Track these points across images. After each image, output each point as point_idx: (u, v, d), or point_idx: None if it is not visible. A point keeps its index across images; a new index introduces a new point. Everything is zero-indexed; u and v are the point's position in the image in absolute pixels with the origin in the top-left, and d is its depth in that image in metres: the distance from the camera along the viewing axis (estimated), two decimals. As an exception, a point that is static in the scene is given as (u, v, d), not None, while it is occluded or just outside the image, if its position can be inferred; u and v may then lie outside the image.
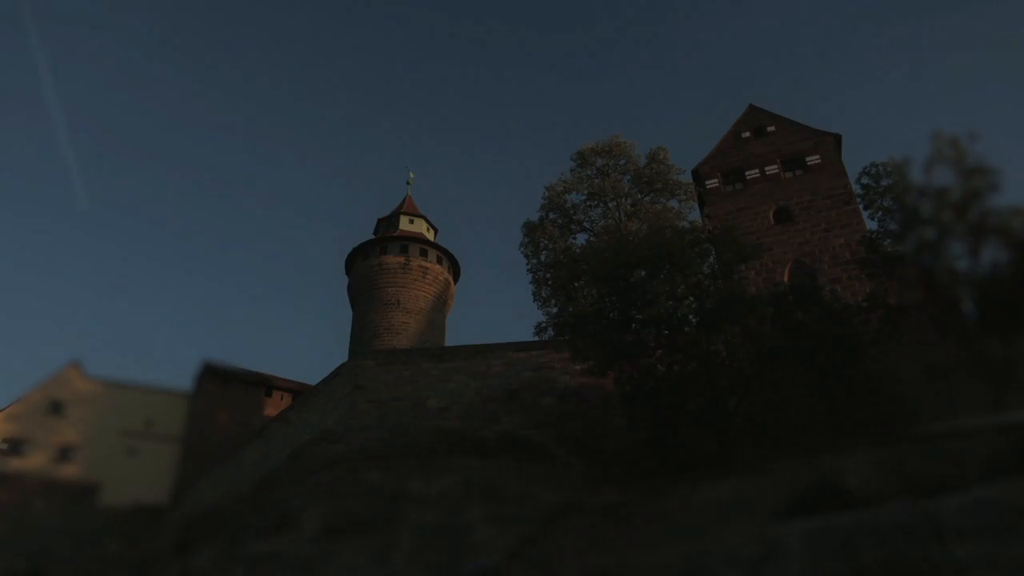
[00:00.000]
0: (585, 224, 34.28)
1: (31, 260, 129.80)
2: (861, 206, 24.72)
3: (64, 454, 41.57)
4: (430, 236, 50.21)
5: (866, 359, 23.97)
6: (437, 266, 47.21)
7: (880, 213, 22.24)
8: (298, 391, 44.76)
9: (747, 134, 32.71)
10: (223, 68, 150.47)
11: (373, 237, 48.73)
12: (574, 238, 34.05)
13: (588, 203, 34.36)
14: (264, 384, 46.92)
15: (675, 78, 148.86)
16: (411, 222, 49.81)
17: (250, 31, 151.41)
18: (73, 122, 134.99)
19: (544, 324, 32.36)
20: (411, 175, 54.73)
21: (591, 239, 32.97)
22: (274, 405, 44.95)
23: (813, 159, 30.55)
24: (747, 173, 31.43)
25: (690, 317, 22.54)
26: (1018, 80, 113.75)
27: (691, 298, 22.08)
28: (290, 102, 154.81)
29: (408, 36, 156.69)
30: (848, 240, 27.58)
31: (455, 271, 49.64)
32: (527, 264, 34.25)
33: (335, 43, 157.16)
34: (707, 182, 32.05)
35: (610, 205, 33.94)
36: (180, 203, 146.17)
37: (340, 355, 72.30)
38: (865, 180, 22.68)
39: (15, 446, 40.95)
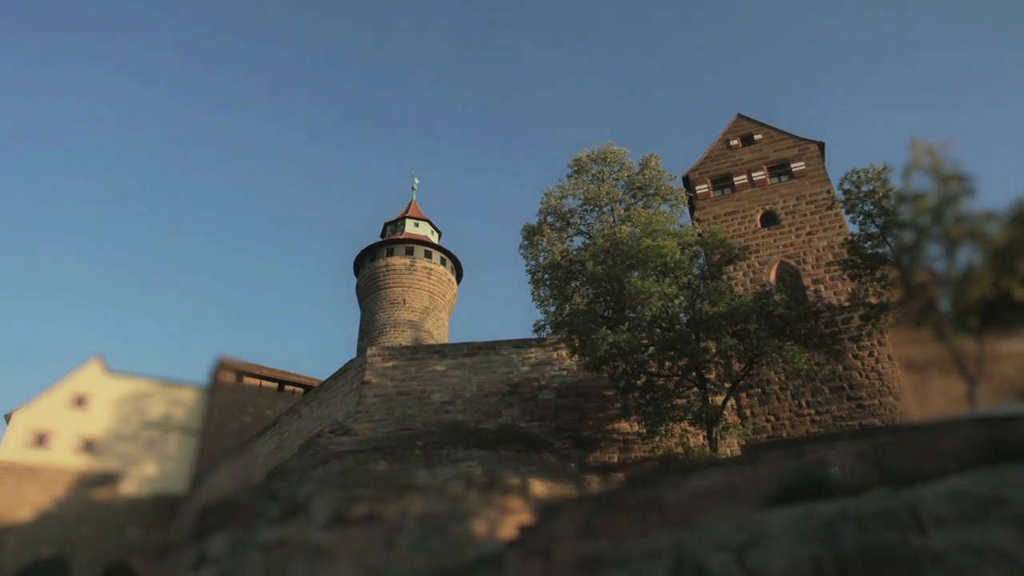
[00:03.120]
0: (582, 228, 34.29)
1: (52, 261, 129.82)
2: (843, 210, 24.77)
3: (87, 446, 41.57)
4: (434, 239, 50.21)
5: (848, 355, 24.05)
6: (441, 267, 47.21)
7: (861, 217, 22.32)
8: (309, 386, 44.76)
9: (735, 142, 32.76)
10: (232, 73, 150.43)
11: (380, 240, 48.73)
12: (571, 241, 34.06)
13: (584, 208, 34.38)
14: (277, 379, 46.97)
15: (668, 87, 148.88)
16: (416, 225, 49.82)
17: (257, 38, 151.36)
18: (79, 125, 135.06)
19: (542, 322, 32.37)
20: (416, 181, 54.79)
21: (587, 242, 32.97)
22: (286, 399, 44.98)
23: (798, 166, 30.60)
24: (735, 179, 31.48)
25: (681, 315, 22.56)
26: (1000, 86, 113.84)
27: (681, 297, 22.09)
28: (298, 110, 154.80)
29: (411, 48, 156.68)
30: (831, 243, 27.65)
31: (458, 272, 49.64)
32: (526, 265, 34.24)
33: (342, 52, 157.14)
34: (697, 188, 32.09)
35: (605, 210, 33.95)
36: (193, 206, 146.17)
37: (349, 352, 72.46)
38: (847, 186, 22.76)
39: (40, 438, 40.97)
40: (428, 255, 46.99)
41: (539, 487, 20.52)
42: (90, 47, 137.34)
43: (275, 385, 46.78)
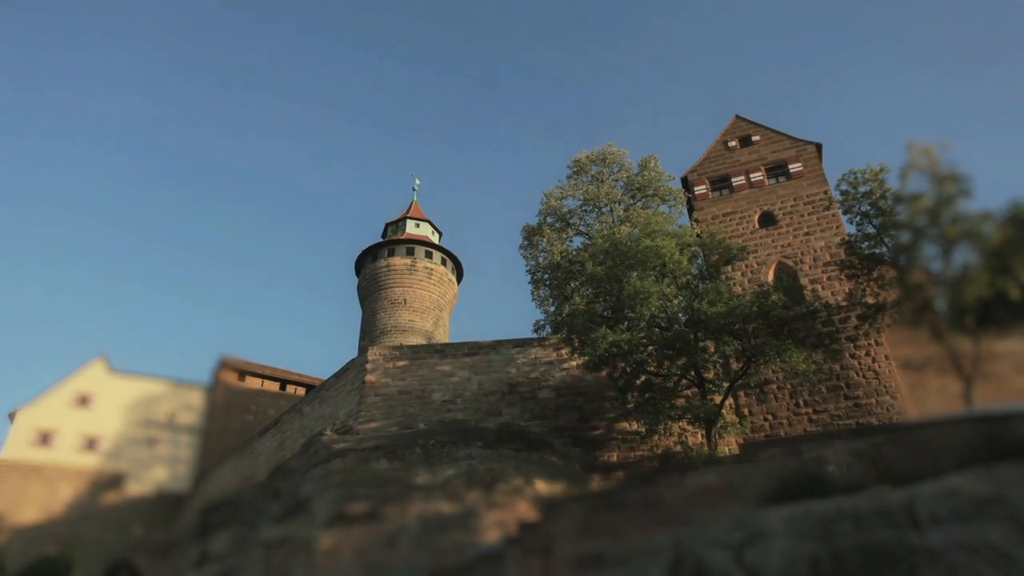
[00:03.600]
0: (581, 228, 34.29)
1: (56, 260, 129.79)
2: (841, 211, 24.76)
3: (91, 444, 41.57)
4: (435, 239, 50.19)
5: (845, 354, 24.04)
6: (441, 267, 47.20)
7: (858, 218, 22.28)
8: (310, 385, 44.75)
9: (733, 143, 32.74)
10: (233, 76, 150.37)
11: (381, 240, 48.72)
12: (570, 241, 34.05)
13: (583, 208, 34.39)
14: (279, 378, 46.98)
15: (667, 88, 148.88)
16: (417, 226, 49.81)
17: (258, 40, 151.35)
18: (86, 124, 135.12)
19: (542, 322, 32.36)
20: (417, 182, 54.76)
21: (586, 242, 32.97)
22: (288, 398, 44.98)
23: (796, 167, 30.59)
24: (733, 180, 31.48)
25: (679, 315, 22.55)
26: (996, 87, 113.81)
27: (680, 298, 22.07)
28: (300, 113, 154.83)
29: (412, 51, 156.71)
30: (828, 243, 27.65)
31: (459, 272, 49.63)
32: (526, 266, 34.26)
33: (344, 55, 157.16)
34: (696, 188, 32.08)
35: (604, 210, 33.94)
36: (195, 207, 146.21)
37: (350, 351, 72.43)
38: (844, 187, 22.71)
39: (44, 437, 40.97)
40: (429, 255, 46.97)
41: (539, 485, 20.52)
42: (91, 50, 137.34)
43: (277, 384, 46.80)
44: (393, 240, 47.64)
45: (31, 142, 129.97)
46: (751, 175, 31.20)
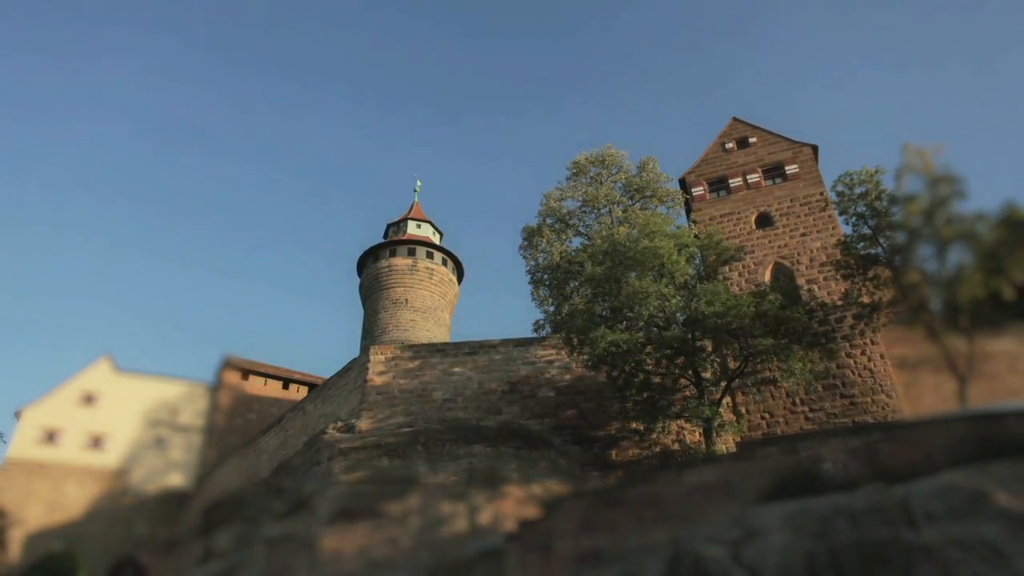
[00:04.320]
0: (580, 229, 34.27)
1: (60, 260, 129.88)
2: (836, 212, 24.78)
3: (96, 443, 41.59)
4: (436, 240, 50.20)
5: (841, 353, 24.06)
6: (442, 268, 47.20)
7: (854, 218, 22.30)
8: (313, 384, 44.75)
9: (731, 145, 32.78)
10: (237, 76, 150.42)
11: (383, 240, 48.73)
12: (570, 242, 34.03)
13: (583, 209, 34.38)
14: (282, 377, 46.99)
15: (666, 90, 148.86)
16: (418, 227, 49.80)
17: (261, 40, 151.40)
18: (84, 127, 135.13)
19: (542, 322, 32.35)
20: (418, 183, 54.68)
21: (585, 243, 32.96)
22: (291, 397, 44.97)
23: (792, 168, 30.63)
24: (731, 181, 31.52)
25: (677, 315, 22.56)
26: (992, 87, 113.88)
27: (678, 297, 22.09)
28: (302, 113, 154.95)
29: (412, 52, 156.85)
30: (824, 243, 27.68)
31: (459, 272, 49.64)
32: (526, 266, 34.22)
33: (344, 56, 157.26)
34: (693, 190, 32.13)
35: (603, 211, 33.94)
36: (199, 207, 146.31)
37: (352, 350, 72.56)
38: (840, 188, 22.73)
39: (50, 436, 40.99)
40: (430, 256, 46.97)
41: (539, 483, 20.54)
42: (91, 51, 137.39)
43: (280, 383, 46.82)
44: (394, 241, 47.63)
45: (30, 131, 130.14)
46: (748, 176, 31.24)
